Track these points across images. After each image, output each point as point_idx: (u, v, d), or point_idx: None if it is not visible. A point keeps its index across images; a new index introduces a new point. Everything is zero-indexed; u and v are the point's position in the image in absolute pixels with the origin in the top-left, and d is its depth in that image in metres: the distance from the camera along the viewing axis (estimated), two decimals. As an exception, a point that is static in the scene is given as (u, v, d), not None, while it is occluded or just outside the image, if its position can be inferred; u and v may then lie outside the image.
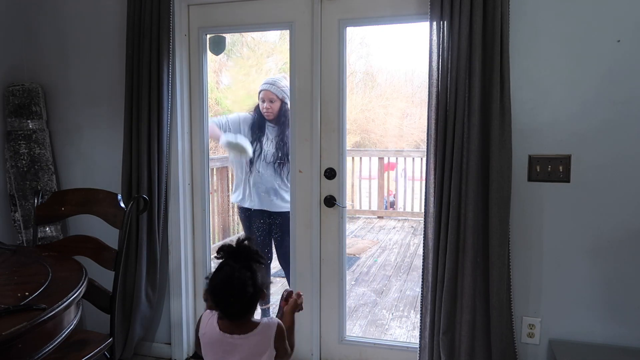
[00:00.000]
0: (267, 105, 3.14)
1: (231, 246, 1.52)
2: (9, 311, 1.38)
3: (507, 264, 2.22)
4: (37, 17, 2.85)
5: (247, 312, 1.53)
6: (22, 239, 2.76)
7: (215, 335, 1.53)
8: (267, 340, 1.54)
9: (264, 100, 3.15)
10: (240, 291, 1.46)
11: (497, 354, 2.20)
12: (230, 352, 1.51)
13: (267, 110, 3.15)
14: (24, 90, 2.75)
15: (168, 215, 2.71)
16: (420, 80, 7.67)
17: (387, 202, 7.30)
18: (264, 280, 1.53)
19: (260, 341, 1.52)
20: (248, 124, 3.25)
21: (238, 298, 1.47)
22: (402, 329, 3.50)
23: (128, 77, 2.59)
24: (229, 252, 1.51)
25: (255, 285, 1.48)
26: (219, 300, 1.50)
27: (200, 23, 2.67)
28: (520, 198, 2.27)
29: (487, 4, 2.10)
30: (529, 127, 2.24)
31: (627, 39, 2.12)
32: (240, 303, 1.48)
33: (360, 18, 2.46)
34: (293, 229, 2.67)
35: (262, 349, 1.53)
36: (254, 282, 1.47)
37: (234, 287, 1.46)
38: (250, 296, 1.47)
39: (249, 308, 1.52)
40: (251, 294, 1.47)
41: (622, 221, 2.20)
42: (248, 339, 1.51)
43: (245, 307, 1.50)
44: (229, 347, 1.51)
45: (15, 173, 2.75)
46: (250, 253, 1.52)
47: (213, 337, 1.54)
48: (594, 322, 2.27)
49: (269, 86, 3.13)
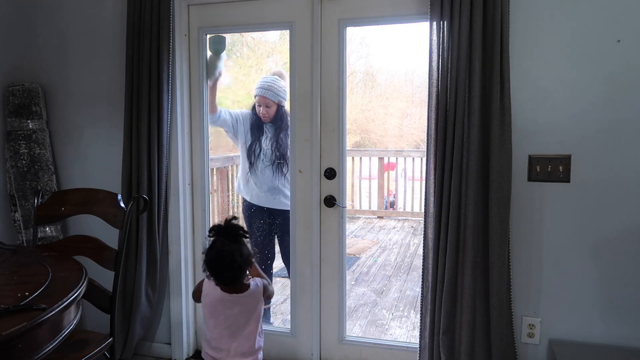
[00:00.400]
0: (264, 110, 3.13)
1: (220, 225, 1.88)
2: (9, 311, 1.38)
3: (507, 264, 2.22)
4: (37, 17, 2.85)
5: (238, 278, 1.87)
6: (22, 239, 2.76)
7: (218, 295, 1.88)
8: (259, 296, 1.94)
9: (259, 105, 3.14)
10: (230, 262, 1.81)
11: (497, 354, 2.20)
12: (231, 307, 1.88)
13: (264, 115, 3.14)
14: (24, 90, 2.75)
15: (168, 215, 2.71)
16: (420, 80, 7.67)
17: (387, 202, 7.30)
18: (249, 252, 1.88)
19: (253, 299, 1.92)
20: (249, 122, 3.25)
21: (229, 267, 1.82)
22: (402, 329, 3.50)
23: (128, 77, 2.59)
24: (219, 231, 1.87)
25: (242, 256, 1.83)
26: (214, 271, 1.86)
27: (200, 23, 2.67)
28: (520, 198, 2.27)
29: (487, 4, 2.10)
30: (529, 127, 2.24)
31: (627, 39, 2.12)
32: (231, 271, 1.83)
33: (360, 18, 2.46)
34: (293, 229, 2.67)
35: (254, 305, 1.92)
36: (241, 253, 1.83)
37: (225, 259, 1.81)
38: (239, 265, 1.83)
39: (239, 274, 1.86)
40: (239, 262, 1.82)
41: (622, 221, 2.20)
42: (245, 297, 1.88)
43: (235, 274, 1.85)
44: (230, 303, 1.88)
45: (15, 173, 2.75)
46: (237, 229, 1.86)
47: (216, 297, 1.88)
48: (594, 322, 2.27)
49: (264, 91, 3.10)
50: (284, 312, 3.47)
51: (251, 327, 1.89)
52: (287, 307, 3.29)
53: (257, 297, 1.92)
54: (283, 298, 3.75)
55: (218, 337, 1.88)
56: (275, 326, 3.27)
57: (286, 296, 3.68)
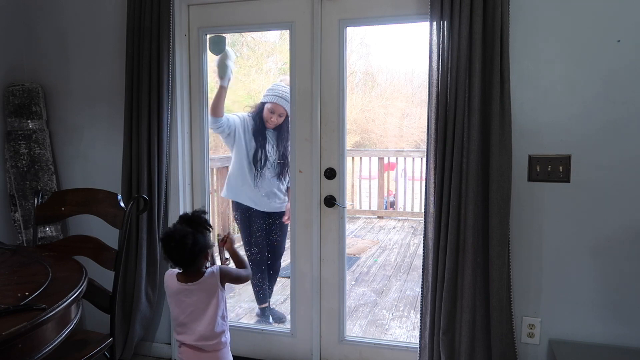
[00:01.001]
0: (276, 119, 3.13)
1: (187, 214, 1.96)
2: (9, 311, 1.38)
3: (507, 264, 2.22)
4: (37, 17, 2.85)
5: (190, 261, 1.90)
6: (22, 239, 2.76)
7: (175, 285, 1.94)
8: (214, 283, 1.93)
9: (272, 112, 3.12)
10: (180, 241, 1.84)
11: (497, 354, 2.20)
12: (188, 296, 1.92)
13: (273, 123, 3.14)
14: (24, 90, 2.75)
15: (168, 215, 2.71)
16: (420, 80, 7.67)
17: (387, 202, 7.30)
18: (205, 242, 1.91)
19: (209, 285, 1.92)
20: (250, 127, 3.23)
21: (179, 246, 1.85)
22: (402, 329, 3.50)
23: (128, 77, 2.59)
24: (182, 218, 1.95)
25: (195, 240, 1.85)
26: (165, 249, 1.89)
27: (200, 23, 2.67)
28: (520, 198, 2.27)
29: (487, 4, 2.10)
30: (529, 127, 2.24)
31: (627, 39, 2.12)
32: (181, 251, 1.86)
33: (360, 18, 2.46)
34: (293, 229, 2.67)
35: (212, 291, 1.93)
36: (193, 237, 1.85)
37: (175, 238, 1.85)
38: (190, 249, 1.85)
39: (190, 257, 1.88)
40: (190, 245, 1.84)
41: (622, 221, 2.20)
42: (200, 284, 1.91)
43: (186, 255, 1.87)
44: (186, 292, 1.92)
45: (15, 173, 2.75)
46: (200, 219, 1.93)
47: (173, 287, 1.94)
48: (594, 322, 2.27)
49: (280, 100, 3.11)
50: (284, 312, 3.47)
51: (211, 312, 1.93)
52: (287, 307, 3.29)
53: (213, 283, 1.93)
54: (283, 298, 3.75)
55: (182, 323, 1.94)
56: (275, 326, 3.27)
57: (286, 296, 3.68)
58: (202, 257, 1.93)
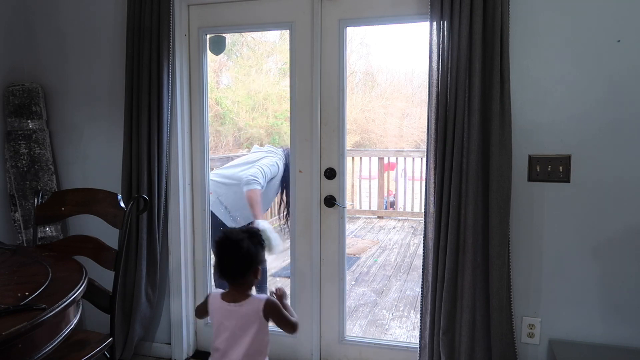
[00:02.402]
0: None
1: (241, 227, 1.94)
2: (9, 311, 1.38)
3: (507, 264, 2.22)
4: (37, 17, 2.85)
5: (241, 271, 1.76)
6: (22, 239, 2.76)
7: (218, 303, 1.82)
8: (256, 312, 1.78)
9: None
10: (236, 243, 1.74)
11: (497, 354, 2.20)
12: (227, 317, 1.80)
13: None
14: (24, 90, 2.75)
15: (168, 215, 2.71)
16: (420, 80, 7.68)
17: (387, 202, 7.30)
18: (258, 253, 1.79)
19: (250, 311, 1.78)
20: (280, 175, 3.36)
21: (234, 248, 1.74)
22: (402, 329, 3.50)
23: (128, 77, 2.59)
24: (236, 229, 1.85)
25: (250, 247, 1.75)
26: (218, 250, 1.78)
27: (200, 23, 2.67)
28: (520, 198, 2.27)
29: (487, 4, 2.10)
30: (529, 127, 2.24)
31: (627, 39, 2.12)
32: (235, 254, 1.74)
33: (360, 18, 2.46)
34: (293, 229, 2.67)
35: (252, 319, 1.78)
36: (250, 246, 1.75)
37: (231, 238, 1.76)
38: (245, 252, 1.74)
39: (242, 265, 1.76)
40: (245, 250, 1.73)
41: (622, 221, 2.20)
42: (241, 307, 1.78)
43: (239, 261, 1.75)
44: (226, 313, 1.80)
45: (15, 173, 2.75)
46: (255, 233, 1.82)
47: (216, 305, 1.83)
48: (594, 322, 2.27)
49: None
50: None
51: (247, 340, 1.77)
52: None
53: (256, 308, 1.77)
54: (283, 298, 3.75)
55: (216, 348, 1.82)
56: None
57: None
58: (253, 272, 1.78)
